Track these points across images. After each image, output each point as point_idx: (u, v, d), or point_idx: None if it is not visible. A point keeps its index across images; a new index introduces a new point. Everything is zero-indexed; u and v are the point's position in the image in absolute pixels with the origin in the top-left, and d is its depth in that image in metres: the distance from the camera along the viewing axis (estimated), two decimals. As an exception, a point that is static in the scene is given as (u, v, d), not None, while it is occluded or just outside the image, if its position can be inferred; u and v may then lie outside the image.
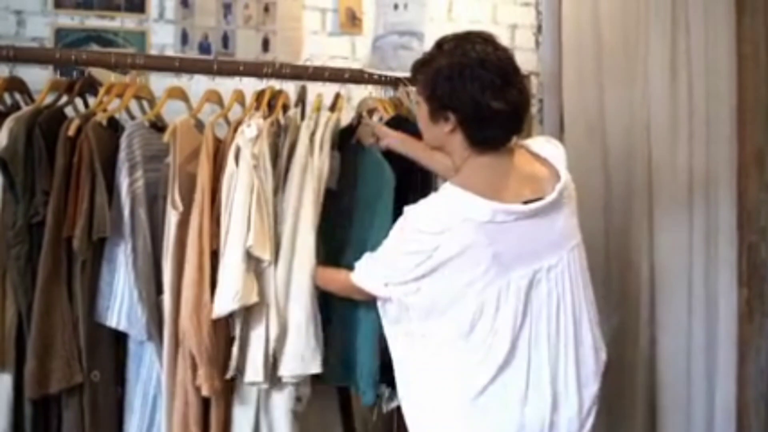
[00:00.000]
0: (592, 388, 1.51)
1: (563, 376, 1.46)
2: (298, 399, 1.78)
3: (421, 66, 1.51)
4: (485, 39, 1.46)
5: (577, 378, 1.48)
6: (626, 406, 2.52)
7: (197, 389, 1.71)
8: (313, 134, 1.80)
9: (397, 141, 1.80)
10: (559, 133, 2.71)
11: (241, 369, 1.75)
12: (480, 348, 1.43)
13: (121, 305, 1.72)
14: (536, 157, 1.52)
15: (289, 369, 1.73)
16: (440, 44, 1.49)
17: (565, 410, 1.47)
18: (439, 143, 1.51)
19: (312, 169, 1.77)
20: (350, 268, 1.67)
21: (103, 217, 1.68)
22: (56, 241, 1.68)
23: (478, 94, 1.39)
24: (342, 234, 1.85)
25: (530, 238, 1.43)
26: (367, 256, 1.62)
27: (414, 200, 1.56)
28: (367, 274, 1.60)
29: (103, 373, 1.74)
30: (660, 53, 2.26)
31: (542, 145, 1.56)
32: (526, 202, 1.43)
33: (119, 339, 1.77)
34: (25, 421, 1.70)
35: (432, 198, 1.48)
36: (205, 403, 1.75)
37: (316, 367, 1.74)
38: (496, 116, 1.41)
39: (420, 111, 1.53)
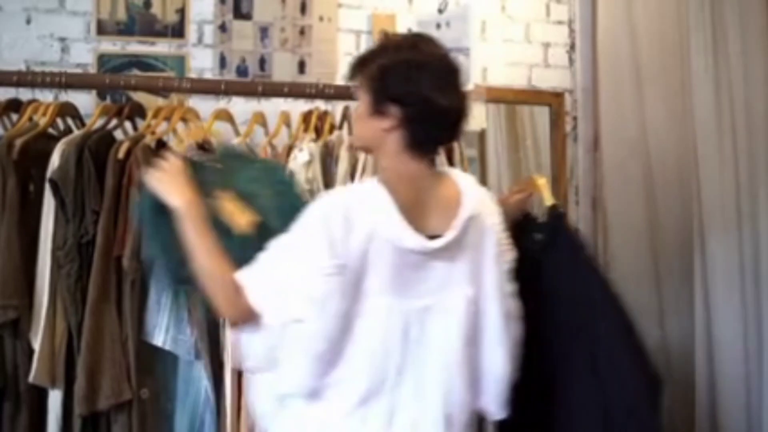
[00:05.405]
0: None
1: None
2: None
3: (366, 60, 1.42)
4: (430, 40, 1.43)
5: None
6: (683, 424, 2.48)
7: None
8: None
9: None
10: (593, 151, 2.73)
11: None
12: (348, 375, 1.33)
13: (168, 324, 1.73)
14: (460, 189, 1.43)
15: None
16: (385, 42, 1.50)
17: None
18: (370, 141, 1.42)
19: None
20: None
21: (151, 237, 1.72)
22: (106, 261, 1.71)
23: (429, 90, 1.34)
24: None
25: (424, 271, 1.36)
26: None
27: None
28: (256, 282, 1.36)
29: (153, 391, 1.76)
30: (703, 65, 2.24)
31: (467, 179, 1.47)
32: (433, 237, 1.36)
33: (169, 357, 1.78)
34: (74, 437, 1.71)
35: (352, 190, 1.45)
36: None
37: None
38: (443, 115, 1.37)
39: (360, 104, 1.44)
